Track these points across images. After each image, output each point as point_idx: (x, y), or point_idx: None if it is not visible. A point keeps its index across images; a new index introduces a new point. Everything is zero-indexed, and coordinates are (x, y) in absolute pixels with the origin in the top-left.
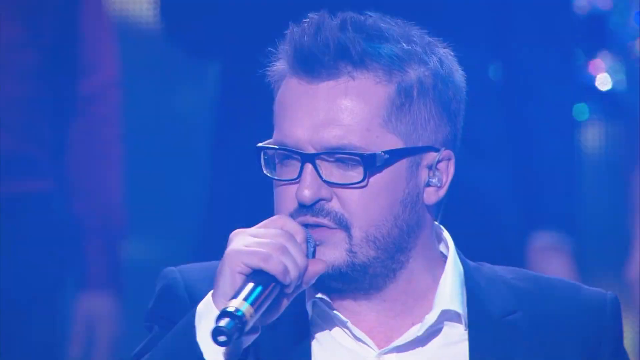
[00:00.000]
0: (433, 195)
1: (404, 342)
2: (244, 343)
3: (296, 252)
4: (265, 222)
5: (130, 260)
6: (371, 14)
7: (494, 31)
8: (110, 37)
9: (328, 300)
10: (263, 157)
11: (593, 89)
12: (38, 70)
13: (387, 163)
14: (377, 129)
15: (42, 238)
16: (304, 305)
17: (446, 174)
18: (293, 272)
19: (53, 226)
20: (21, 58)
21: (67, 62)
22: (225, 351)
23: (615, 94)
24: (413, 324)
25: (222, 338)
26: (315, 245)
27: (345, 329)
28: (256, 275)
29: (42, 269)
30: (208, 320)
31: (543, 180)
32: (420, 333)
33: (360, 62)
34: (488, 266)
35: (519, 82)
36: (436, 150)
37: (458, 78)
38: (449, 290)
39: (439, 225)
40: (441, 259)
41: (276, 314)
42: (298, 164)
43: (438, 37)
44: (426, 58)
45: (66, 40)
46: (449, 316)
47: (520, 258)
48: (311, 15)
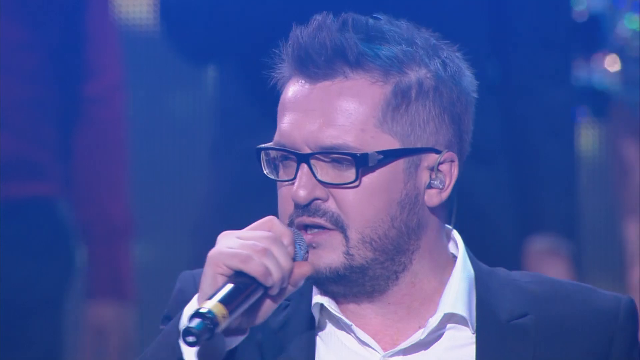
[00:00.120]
0: (435, 197)
1: (409, 345)
2: (228, 344)
3: (280, 255)
4: (254, 224)
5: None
6: (380, 17)
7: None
8: (114, 40)
9: (334, 303)
10: (264, 159)
11: (591, 90)
12: (43, 72)
13: (381, 163)
14: (372, 129)
15: (47, 242)
16: (311, 308)
17: (449, 176)
18: (276, 274)
19: (58, 230)
20: (26, 60)
21: (72, 65)
22: (206, 352)
23: (610, 95)
24: (420, 327)
25: (191, 339)
26: (307, 247)
27: (350, 332)
28: (237, 276)
29: (47, 274)
30: None
31: (541, 183)
32: (423, 336)
33: (356, 63)
34: (503, 270)
35: (517, 84)
36: (437, 152)
37: (465, 81)
38: (455, 293)
39: (451, 228)
40: (450, 262)
41: (264, 316)
42: (295, 165)
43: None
44: (428, 60)
45: (71, 43)
46: (455, 319)
47: (517, 261)
48: (315, 16)
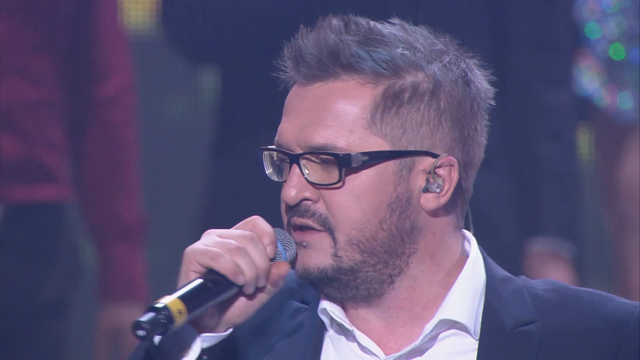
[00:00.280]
0: (432, 201)
1: (407, 350)
2: (204, 342)
3: (255, 253)
4: (239, 224)
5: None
6: (395, 22)
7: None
8: (124, 42)
9: (338, 308)
10: (266, 159)
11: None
12: (53, 75)
13: (367, 165)
14: (361, 131)
15: (54, 246)
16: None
17: (448, 181)
18: (248, 273)
19: (65, 234)
20: (36, 63)
21: (82, 67)
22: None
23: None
24: (423, 332)
25: (141, 332)
26: (295, 248)
27: (352, 337)
28: (209, 274)
29: (54, 278)
30: None
31: (541, 185)
32: (417, 342)
33: (347, 65)
34: (523, 278)
35: (517, 87)
36: (434, 155)
37: (472, 87)
38: (456, 299)
39: (466, 233)
40: (460, 268)
41: (244, 315)
42: (288, 165)
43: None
44: (427, 64)
45: (81, 45)
46: (458, 326)
47: (518, 264)
48: (320, 19)
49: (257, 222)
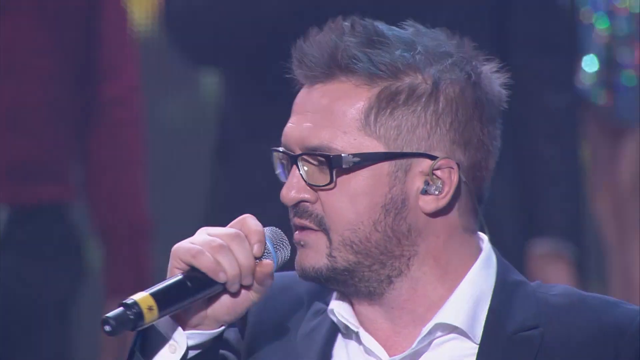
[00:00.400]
0: (432, 203)
1: (407, 353)
2: (191, 339)
3: (239, 251)
4: (232, 222)
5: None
6: (412, 24)
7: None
8: (131, 41)
9: (344, 308)
10: (275, 159)
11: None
12: (60, 75)
13: (359, 166)
14: (355, 132)
15: (65, 246)
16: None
17: (448, 184)
18: (230, 271)
19: (76, 233)
20: (43, 63)
21: (89, 67)
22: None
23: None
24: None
25: (107, 327)
26: (287, 247)
27: (357, 337)
28: (191, 271)
29: (65, 278)
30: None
31: (543, 186)
32: (414, 345)
33: (345, 66)
34: (538, 283)
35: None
36: (432, 157)
37: (478, 90)
38: (456, 303)
39: (482, 236)
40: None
41: (232, 313)
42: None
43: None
44: (427, 67)
45: (88, 45)
46: (457, 330)
47: (520, 265)
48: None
49: (247, 221)
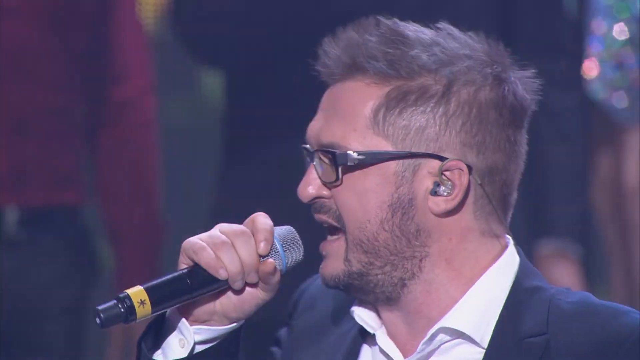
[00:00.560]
0: (441, 204)
1: (416, 356)
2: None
3: (243, 249)
4: (246, 220)
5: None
6: (445, 26)
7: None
8: (143, 42)
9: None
10: (305, 156)
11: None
12: (71, 80)
13: (364, 164)
14: (364, 130)
15: (77, 248)
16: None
17: (458, 185)
18: (231, 268)
19: (87, 236)
20: (55, 67)
21: (102, 70)
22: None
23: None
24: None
25: (97, 320)
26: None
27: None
28: (194, 267)
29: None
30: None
31: (549, 186)
32: (420, 348)
33: (359, 64)
34: (558, 289)
35: None
36: (442, 159)
37: (497, 93)
38: (464, 308)
39: (508, 241)
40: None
41: (241, 310)
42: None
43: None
44: (439, 67)
45: (100, 47)
46: (464, 335)
47: None
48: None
49: (256, 218)
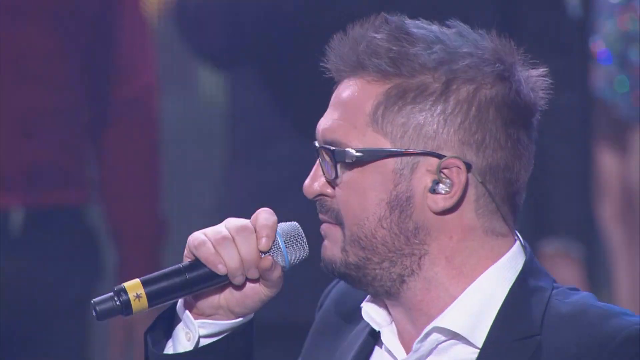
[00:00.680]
0: (440, 202)
1: (412, 356)
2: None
3: (243, 244)
4: (253, 215)
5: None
6: (457, 23)
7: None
8: (148, 41)
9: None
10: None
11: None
12: (75, 80)
13: (362, 161)
14: (363, 127)
15: (81, 247)
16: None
17: (457, 183)
18: (230, 263)
19: (91, 235)
20: (58, 67)
21: (105, 69)
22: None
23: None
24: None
25: (94, 312)
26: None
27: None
28: (195, 261)
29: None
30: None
31: (552, 186)
32: (415, 347)
33: (361, 62)
34: (562, 290)
35: None
36: (440, 156)
37: (498, 92)
38: (459, 307)
39: (519, 241)
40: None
41: (244, 306)
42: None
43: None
44: (440, 66)
45: (104, 46)
46: (458, 336)
47: None
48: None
49: (260, 214)
